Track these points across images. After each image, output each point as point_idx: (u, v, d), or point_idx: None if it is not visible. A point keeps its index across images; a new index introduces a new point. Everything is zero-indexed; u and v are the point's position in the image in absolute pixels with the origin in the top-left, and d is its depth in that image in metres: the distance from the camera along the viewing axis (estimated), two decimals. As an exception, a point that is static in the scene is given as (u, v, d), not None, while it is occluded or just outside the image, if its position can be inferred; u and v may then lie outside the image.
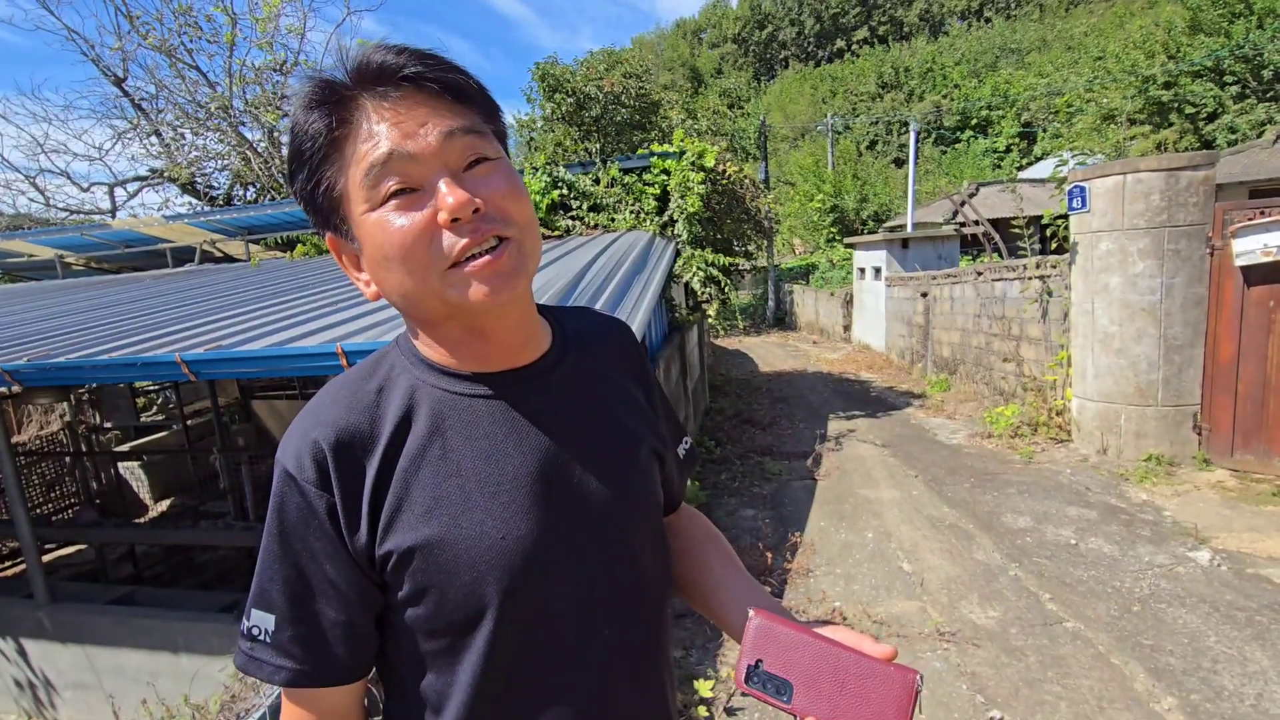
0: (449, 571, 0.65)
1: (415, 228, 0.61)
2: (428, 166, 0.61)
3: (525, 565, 0.66)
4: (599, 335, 0.83)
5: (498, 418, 0.69)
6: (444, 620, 0.66)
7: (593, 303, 3.92)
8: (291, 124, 0.65)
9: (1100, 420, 5.32)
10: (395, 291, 0.65)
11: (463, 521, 0.65)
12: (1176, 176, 4.76)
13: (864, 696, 0.59)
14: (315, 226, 0.69)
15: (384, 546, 0.65)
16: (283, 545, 0.66)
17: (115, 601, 4.36)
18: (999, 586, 3.50)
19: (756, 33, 60.92)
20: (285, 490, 0.66)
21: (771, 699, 0.61)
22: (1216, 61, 17.79)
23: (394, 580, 0.66)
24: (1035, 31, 43.56)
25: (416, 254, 0.61)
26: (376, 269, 0.65)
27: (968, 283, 8.07)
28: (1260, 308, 4.58)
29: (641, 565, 0.75)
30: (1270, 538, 3.79)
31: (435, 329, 0.69)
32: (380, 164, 0.60)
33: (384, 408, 0.68)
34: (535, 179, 6.93)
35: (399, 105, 0.61)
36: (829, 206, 21.37)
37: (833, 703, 0.59)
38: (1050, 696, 2.61)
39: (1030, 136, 28.73)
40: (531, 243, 0.68)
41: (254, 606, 0.67)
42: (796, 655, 0.62)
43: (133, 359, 2.67)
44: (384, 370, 0.72)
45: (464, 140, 0.63)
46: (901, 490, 5.08)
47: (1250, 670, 2.67)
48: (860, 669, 0.60)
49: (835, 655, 0.61)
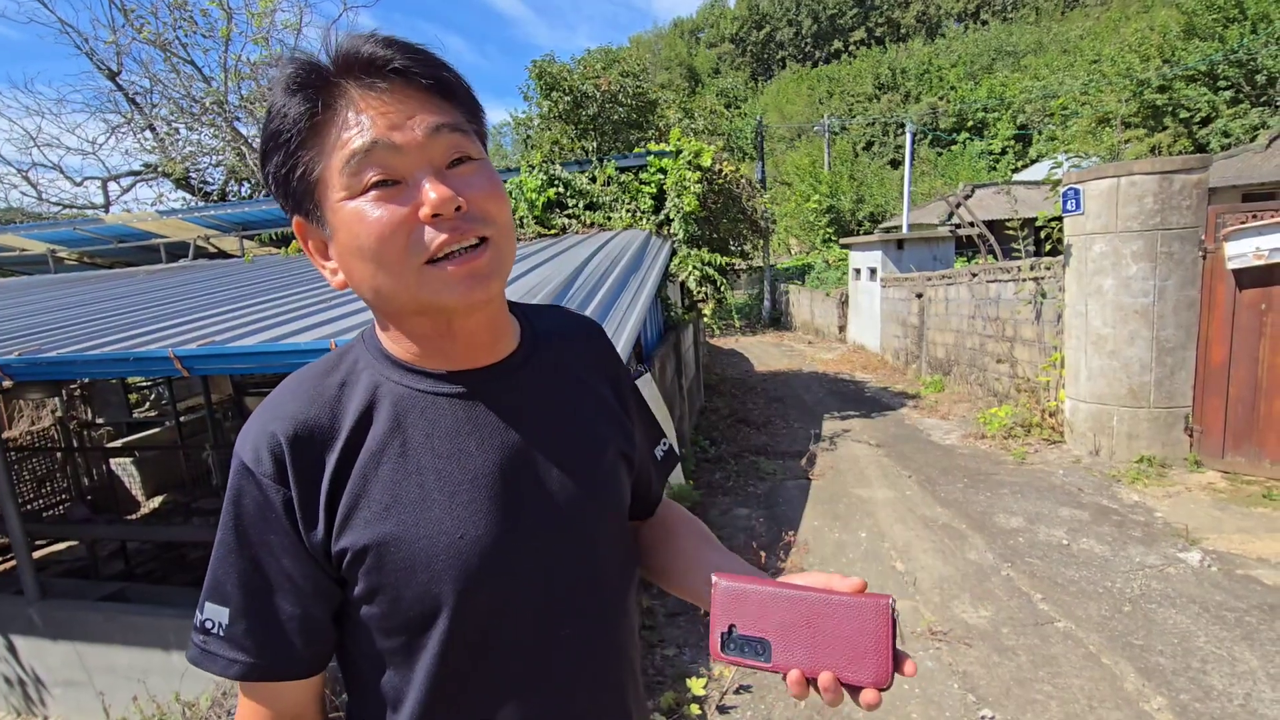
0: (404, 570, 0.64)
1: (394, 220, 0.60)
2: (412, 160, 0.61)
3: (482, 565, 0.66)
4: (569, 335, 0.82)
5: (460, 416, 0.69)
6: (399, 619, 0.66)
7: (588, 301, 3.92)
8: (270, 105, 0.63)
9: (1093, 421, 5.35)
10: (366, 284, 0.64)
11: (420, 520, 0.65)
12: (1170, 179, 4.79)
13: (841, 634, 0.58)
14: (284, 210, 0.68)
15: (340, 543, 0.64)
16: (238, 538, 0.65)
17: (106, 598, 4.34)
18: (991, 586, 3.51)
19: (754, 33, 60.97)
20: (242, 483, 0.65)
21: (751, 661, 0.60)
22: (1211, 66, 17.89)
23: (350, 576, 0.66)
24: (1031, 34, 43.73)
25: (393, 247, 0.60)
26: (348, 259, 0.64)
27: (962, 284, 8.09)
28: (1252, 310, 4.61)
29: (603, 567, 0.75)
30: (1259, 539, 3.81)
31: (403, 323, 0.68)
32: (363, 152, 0.59)
33: (345, 403, 0.68)
34: (531, 177, 6.92)
35: (385, 97, 0.60)
36: (825, 207, 21.43)
37: (812, 649, 0.59)
38: (1041, 696, 2.62)
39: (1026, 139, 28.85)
40: (508, 245, 0.67)
41: (208, 599, 0.67)
42: (766, 611, 0.60)
43: (125, 354, 2.66)
44: (347, 365, 0.71)
45: (450, 137, 0.63)
46: (895, 490, 5.09)
47: (1239, 670, 2.69)
48: (831, 608, 0.59)
49: (805, 602, 0.60)
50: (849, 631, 0.58)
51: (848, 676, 0.58)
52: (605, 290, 4.22)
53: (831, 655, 0.58)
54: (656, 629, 3.21)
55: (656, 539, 0.90)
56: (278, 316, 3.17)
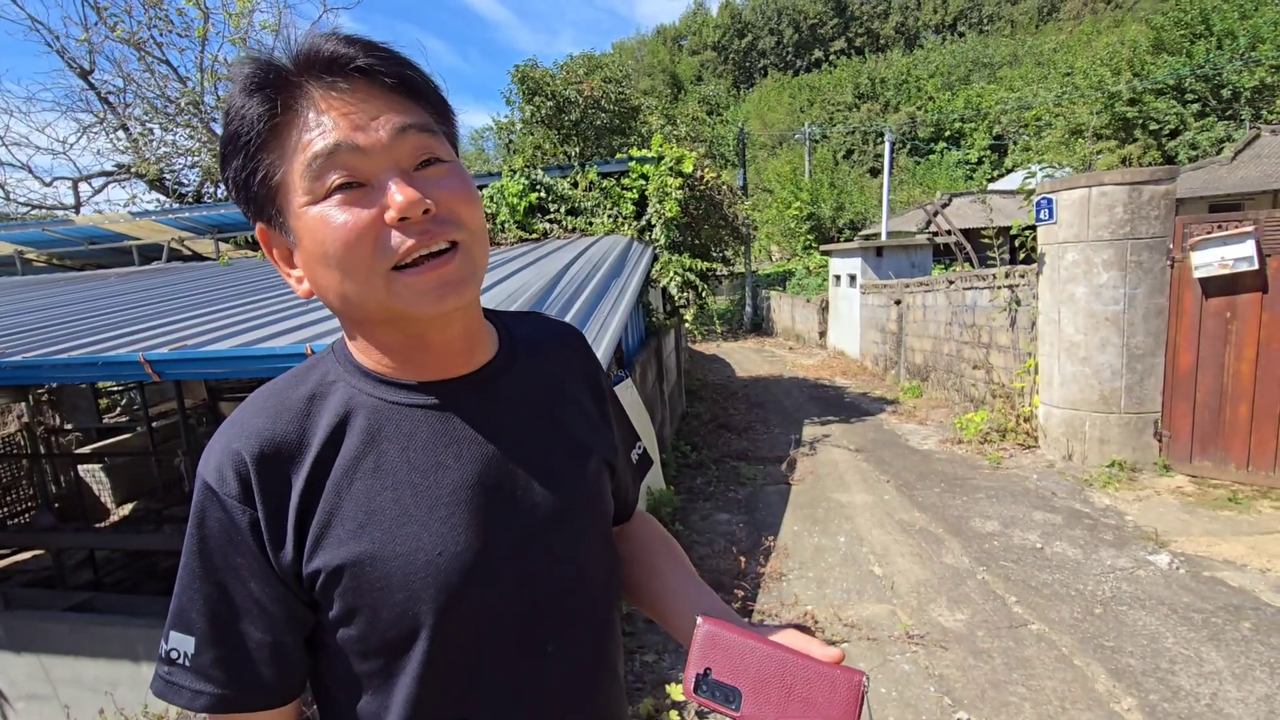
0: (381, 590, 0.62)
1: (360, 224, 0.57)
2: (377, 162, 0.58)
3: (463, 582, 0.63)
4: (549, 342, 0.80)
5: (437, 428, 0.66)
6: (377, 640, 0.63)
7: (569, 306, 3.91)
8: (228, 106, 0.60)
9: (1066, 427, 5.44)
10: (332, 291, 0.61)
11: (397, 537, 0.62)
12: (1139, 190, 4.91)
13: (811, 701, 0.59)
14: (246, 216, 0.65)
15: (312, 564, 0.62)
16: (203, 563, 0.62)
17: (73, 608, 4.23)
18: (967, 590, 3.55)
19: (736, 41, 61.51)
20: (206, 504, 0.62)
21: (720, 706, 0.60)
22: (1179, 80, 18.38)
23: (324, 598, 0.63)
24: (1007, 47, 44.64)
25: (359, 253, 0.58)
26: (313, 266, 0.61)
27: (939, 291, 8.21)
28: (1218, 318, 4.73)
29: (588, 579, 0.73)
30: (1226, 541, 3.91)
31: (373, 333, 0.66)
32: (325, 155, 0.57)
33: (315, 417, 0.65)
34: (513, 181, 6.91)
35: (349, 97, 0.58)
36: (806, 214, 21.64)
37: (780, 709, 0.59)
38: (1015, 698, 2.66)
39: (1001, 149, 29.40)
40: (480, 250, 0.65)
41: (172, 629, 0.63)
42: (744, 662, 0.61)
43: (93, 358, 2.60)
44: (315, 377, 0.68)
45: (417, 138, 0.60)
46: (874, 495, 5.14)
47: (1206, 670, 2.75)
48: (807, 673, 0.60)
49: (782, 660, 0.61)
50: (820, 700, 0.59)
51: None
52: (586, 296, 4.22)
53: (798, 718, 0.59)
54: (636, 635, 3.21)
55: (632, 554, 0.88)
56: (253, 320, 3.13)
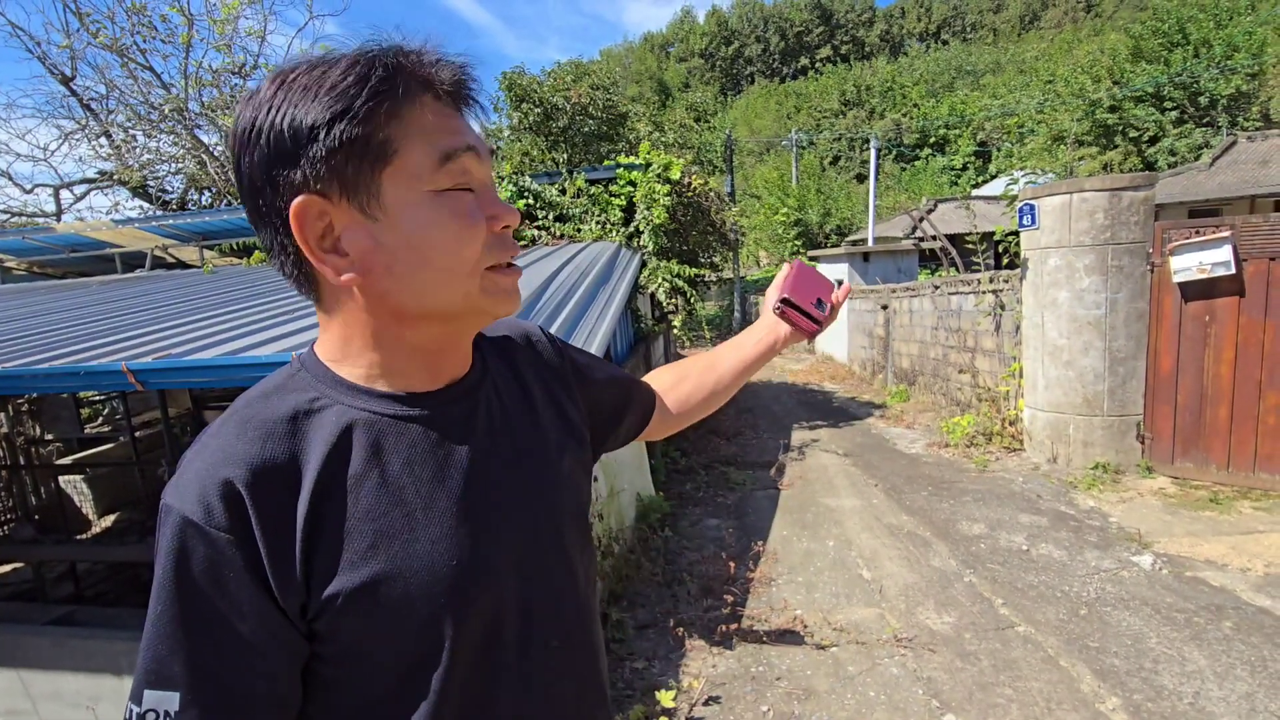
0: (402, 607, 0.60)
1: (479, 225, 0.63)
2: (484, 173, 0.65)
3: (479, 589, 0.64)
4: (512, 343, 0.83)
5: (433, 438, 0.67)
6: (392, 661, 0.61)
7: (557, 313, 3.91)
8: (349, 62, 0.58)
9: (1050, 430, 5.50)
10: (412, 279, 0.61)
11: (413, 552, 0.61)
12: (1119, 196, 4.99)
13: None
14: (303, 181, 0.57)
15: (327, 590, 0.58)
16: (185, 608, 0.55)
17: (54, 622, 4.15)
18: (954, 593, 3.58)
19: (723, 48, 61.91)
20: (187, 541, 0.55)
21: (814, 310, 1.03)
22: (1157, 88, 18.71)
23: (333, 627, 0.59)
24: (990, 54, 45.24)
25: (472, 250, 0.63)
26: (403, 250, 0.60)
27: (925, 296, 8.28)
28: (1197, 322, 4.81)
29: (577, 576, 0.76)
30: (1207, 542, 3.96)
31: (412, 329, 0.65)
32: (462, 150, 0.61)
33: (305, 437, 0.61)
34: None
35: (454, 113, 0.64)
36: (793, 220, 21.77)
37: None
38: (1002, 699, 2.68)
39: (985, 155, 29.74)
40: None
41: (148, 688, 0.55)
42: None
43: (75, 368, 2.57)
44: (294, 394, 0.64)
45: (490, 159, 0.67)
46: (862, 499, 5.16)
47: (1188, 670, 2.78)
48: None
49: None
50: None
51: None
52: (575, 302, 4.22)
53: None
54: (626, 642, 3.20)
55: (681, 378, 1.06)
56: (238, 329, 3.11)
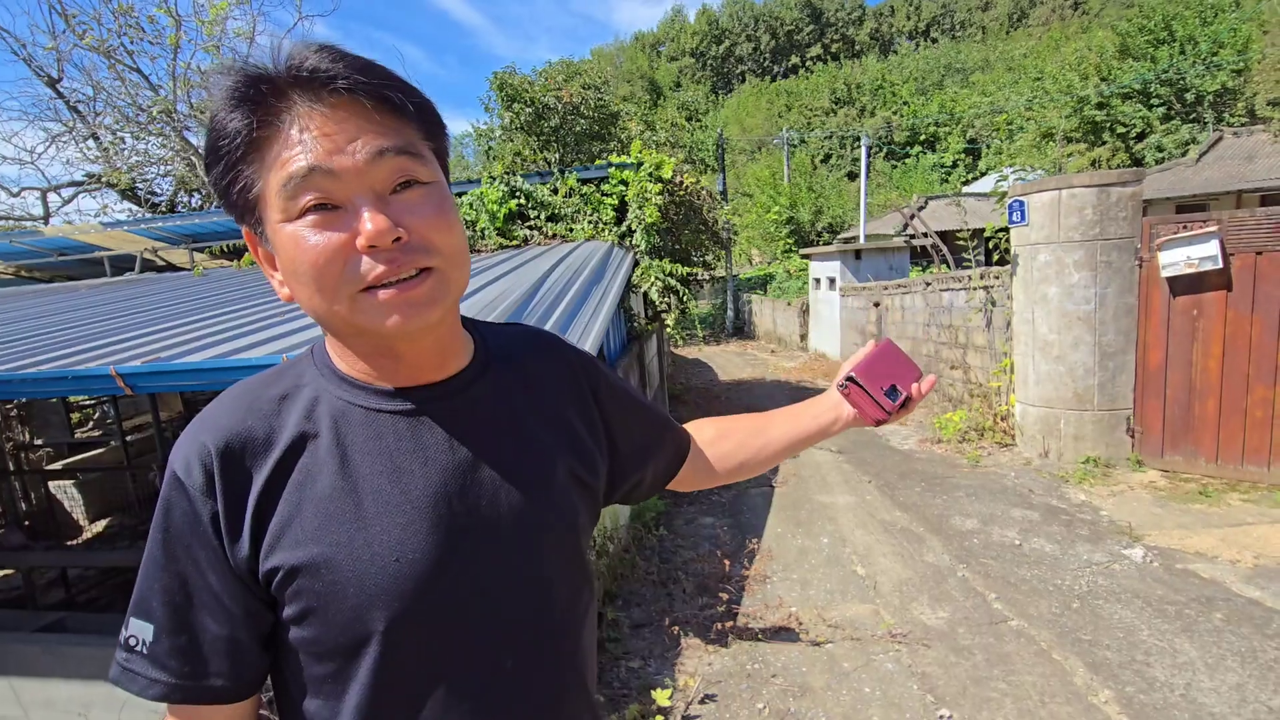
0: (335, 593, 0.62)
1: (330, 248, 0.59)
2: (351, 186, 0.59)
3: (418, 590, 0.63)
4: (527, 351, 0.81)
5: (405, 434, 0.67)
6: (328, 644, 0.64)
7: (550, 313, 3.90)
8: (211, 115, 0.61)
9: (1041, 424, 5.54)
10: (305, 304, 0.63)
11: (354, 541, 0.63)
12: (1107, 192, 5.02)
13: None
14: (232, 218, 0.67)
15: (269, 562, 0.62)
16: (166, 552, 0.63)
17: (44, 629, 4.12)
18: (948, 587, 3.60)
19: (714, 47, 61.97)
20: (172, 495, 0.63)
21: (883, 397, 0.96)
22: (1144, 84, 18.85)
23: (279, 597, 0.64)
24: (979, 52, 45.44)
25: (329, 275, 0.59)
26: (288, 278, 0.63)
27: (917, 293, 8.32)
28: (1185, 316, 4.85)
29: (552, 593, 0.72)
30: (1197, 534, 4.00)
31: (347, 341, 0.67)
32: (300, 177, 0.58)
33: (284, 416, 0.66)
34: (493, 188, 6.89)
35: (330, 116, 0.58)
36: (785, 218, 21.81)
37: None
38: (996, 694, 2.69)
39: (975, 152, 29.89)
40: (458, 273, 0.66)
41: (133, 615, 0.64)
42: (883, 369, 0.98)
43: (63, 372, 2.55)
44: (290, 378, 0.69)
45: (394, 161, 0.60)
46: (856, 495, 5.18)
47: (1180, 661, 2.81)
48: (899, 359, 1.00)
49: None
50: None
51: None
52: (567, 302, 4.21)
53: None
54: (621, 641, 3.20)
55: (720, 436, 1.01)
56: (229, 331, 3.09)
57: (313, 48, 0.59)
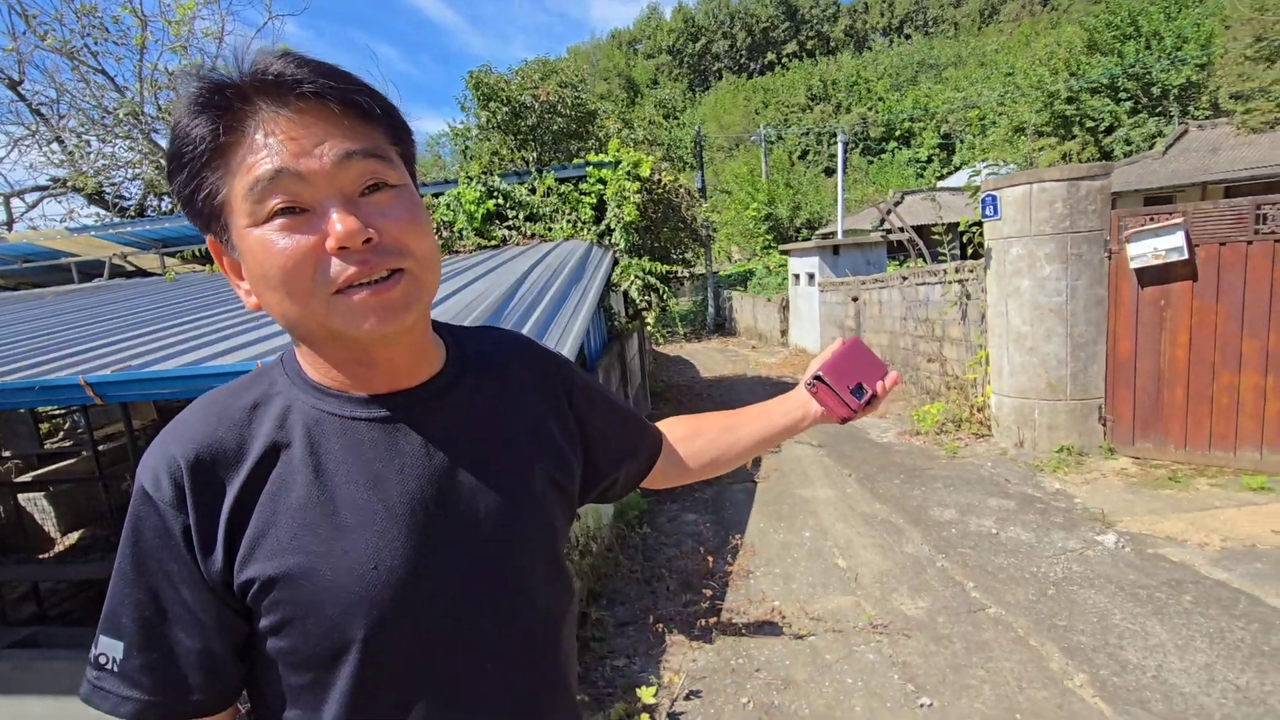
0: (313, 603, 0.62)
1: (299, 251, 0.58)
2: (320, 189, 0.59)
3: (397, 598, 0.63)
4: (504, 356, 0.80)
5: (380, 441, 0.67)
6: (306, 654, 0.64)
7: (529, 313, 3.89)
8: (174, 122, 0.61)
9: (1016, 415, 5.64)
10: (275, 310, 0.62)
11: (332, 550, 0.63)
12: (1077, 186, 5.12)
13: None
14: (196, 227, 0.66)
15: (244, 574, 0.62)
16: (136, 567, 0.63)
17: (16, 645, 4.03)
18: (927, 578, 3.65)
19: (690, 45, 62.06)
20: (141, 509, 0.63)
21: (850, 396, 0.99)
22: (1112, 79, 19.21)
23: (256, 608, 0.63)
24: (951, 48, 45.99)
25: (299, 278, 0.59)
26: (257, 284, 0.62)
27: (894, 287, 8.41)
28: (1153, 307, 4.96)
29: (531, 598, 0.73)
30: (1167, 519, 4.09)
31: (319, 348, 0.67)
32: (267, 179, 0.57)
33: (256, 426, 0.66)
34: (470, 188, 6.85)
35: (295, 120, 0.58)
36: (764, 215, 21.92)
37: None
38: (975, 680, 2.74)
39: (950, 147, 30.26)
40: (429, 275, 0.66)
41: (103, 633, 0.64)
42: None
43: (29, 383, 2.49)
44: (261, 387, 0.69)
45: (362, 164, 0.60)
46: (836, 489, 5.24)
47: (1151, 644, 2.88)
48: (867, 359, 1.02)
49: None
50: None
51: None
52: (547, 302, 4.20)
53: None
54: (606, 640, 3.21)
55: (692, 434, 1.02)
56: (201, 338, 3.04)
57: (276, 54, 0.60)
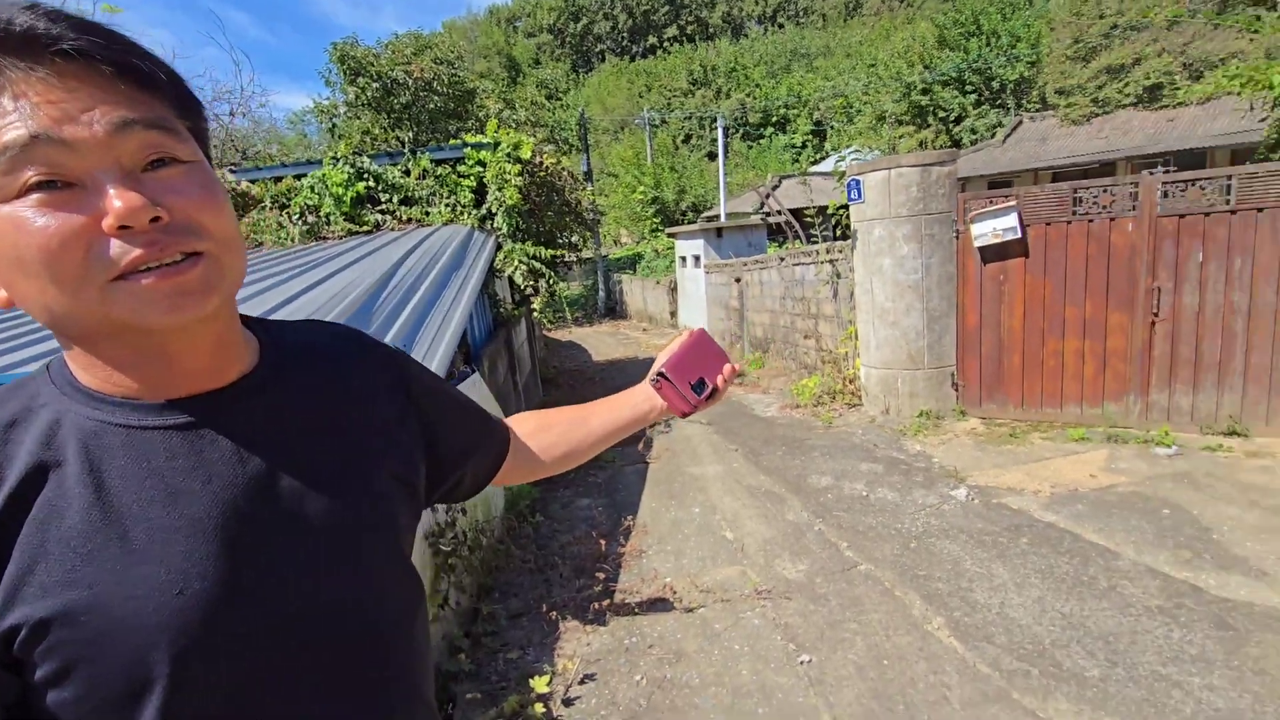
0: (103, 642, 0.54)
1: (65, 230, 0.50)
2: (90, 159, 0.51)
3: (208, 622, 0.56)
4: (332, 351, 0.74)
5: (179, 451, 0.59)
6: (96, 701, 0.55)
7: (406, 301, 3.71)
8: None
9: (882, 385, 6.08)
10: (35, 303, 0.53)
11: (124, 580, 0.55)
12: (929, 171, 5.55)
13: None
14: None
15: (8, 619, 0.53)
16: None
17: None
18: (806, 542, 3.88)
19: (571, 24, 61.22)
20: None
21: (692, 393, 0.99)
22: (959, 73, 20.95)
23: (25, 658, 0.54)
24: (820, 38, 48.30)
25: (67, 263, 0.51)
26: (9, 273, 0.53)
27: (773, 268, 8.79)
28: (994, 281, 5.50)
29: (374, 602, 0.67)
30: (1008, 471, 4.59)
31: (96, 347, 0.58)
32: (19, 148, 0.49)
33: (13, 446, 0.56)
34: (336, 170, 6.41)
35: (56, 83, 0.50)
36: (650, 198, 22.16)
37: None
38: (849, 634, 2.95)
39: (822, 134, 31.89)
40: (233, 259, 0.59)
41: None
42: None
43: None
44: (18, 402, 0.59)
45: (144, 135, 0.53)
46: (724, 464, 5.43)
47: (995, 584, 3.22)
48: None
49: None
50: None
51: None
52: (425, 289, 4.02)
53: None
54: (499, 634, 3.16)
55: (544, 444, 1.00)
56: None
57: (20, 6, 0.50)
